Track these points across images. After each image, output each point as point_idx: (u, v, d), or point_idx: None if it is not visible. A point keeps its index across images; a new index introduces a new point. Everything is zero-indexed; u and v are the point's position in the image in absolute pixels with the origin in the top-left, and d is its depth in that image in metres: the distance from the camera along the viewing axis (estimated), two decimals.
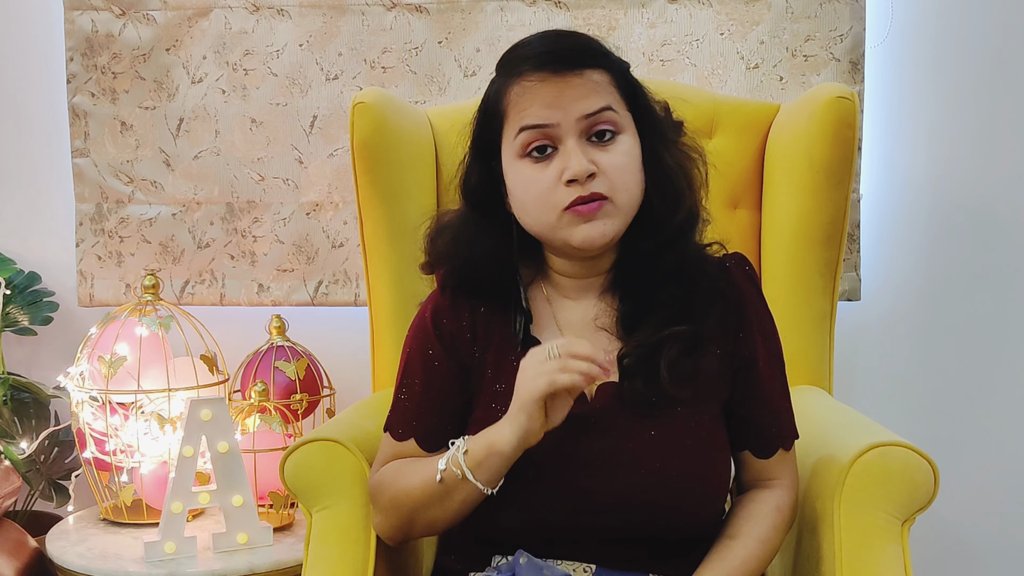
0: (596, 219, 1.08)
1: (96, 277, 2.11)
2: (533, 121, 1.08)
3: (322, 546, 1.23)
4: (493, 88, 1.14)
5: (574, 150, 1.07)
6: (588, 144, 1.09)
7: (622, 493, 1.10)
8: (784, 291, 1.60)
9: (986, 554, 2.06)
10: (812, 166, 1.54)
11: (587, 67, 1.09)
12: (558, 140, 1.08)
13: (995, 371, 2.02)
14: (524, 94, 1.09)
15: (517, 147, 1.10)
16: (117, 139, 2.08)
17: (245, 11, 2.03)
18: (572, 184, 1.07)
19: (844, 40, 1.91)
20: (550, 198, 1.09)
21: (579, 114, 1.08)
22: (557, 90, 1.07)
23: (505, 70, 1.13)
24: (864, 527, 1.15)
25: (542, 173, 1.09)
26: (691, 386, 1.11)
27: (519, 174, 1.11)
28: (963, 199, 1.99)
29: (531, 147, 1.09)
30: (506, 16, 1.98)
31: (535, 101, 1.08)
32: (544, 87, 1.08)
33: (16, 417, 1.98)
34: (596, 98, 1.08)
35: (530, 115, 1.08)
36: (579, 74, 1.08)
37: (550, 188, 1.08)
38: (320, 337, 1.98)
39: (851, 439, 1.21)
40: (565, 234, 1.10)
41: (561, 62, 1.08)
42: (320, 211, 2.05)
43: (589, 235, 1.09)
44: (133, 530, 1.78)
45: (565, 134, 1.08)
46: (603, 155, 1.09)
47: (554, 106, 1.07)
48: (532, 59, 1.10)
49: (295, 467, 1.26)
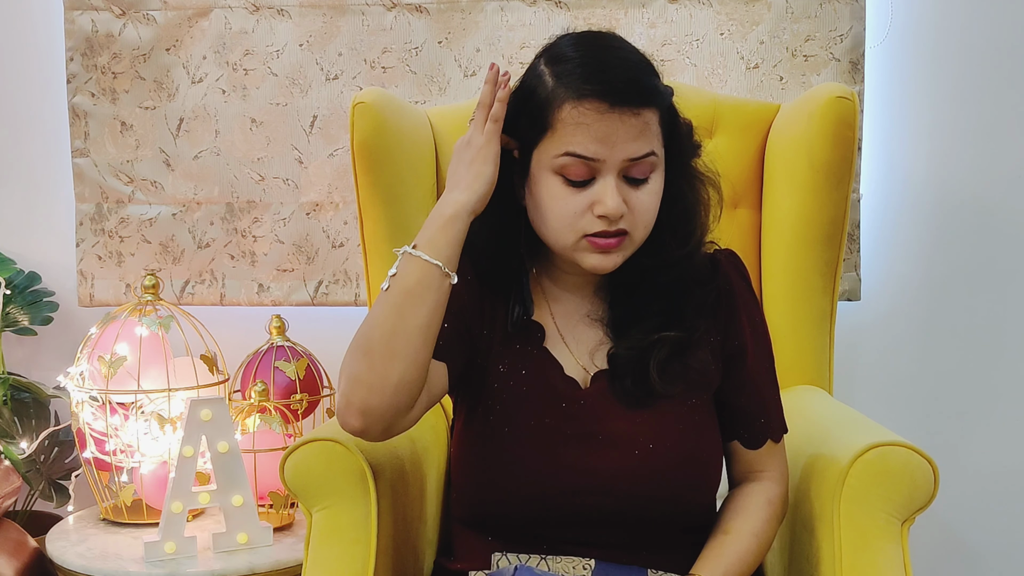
0: (613, 253, 1.11)
1: (96, 277, 2.11)
2: (581, 152, 1.07)
3: (322, 546, 1.23)
4: (544, 87, 1.10)
5: (612, 189, 1.08)
6: (624, 183, 1.09)
7: (611, 472, 1.12)
8: (784, 291, 1.60)
9: (986, 554, 2.06)
10: (812, 166, 1.54)
11: (643, 106, 1.08)
12: (597, 172, 1.08)
13: (995, 371, 2.02)
14: (580, 121, 1.07)
15: (555, 165, 1.09)
16: (117, 139, 2.08)
17: (245, 11, 2.03)
18: (601, 219, 1.08)
19: (844, 40, 1.91)
20: (575, 223, 1.10)
21: (626, 156, 1.08)
22: (612, 128, 1.06)
23: (563, 79, 1.09)
24: (864, 527, 1.15)
25: (573, 198, 1.09)
26: (680, 384, 1.15)
27: (549, 188, 1.10)
28: (963, 199, 1.99)
29: (572, 176, 1.09)
30: (506, 16, 1.98)
31: (589, 133, 1.07)
32: (601, 122, 1.06)
33: (16, 417, 1.98)
34: (644, 142, 1.08)
35: (579, 145, 1.07)
36: (636, 114, 1.07)
37: (577, 214, 1.09)
38: (320, 337, 1.98)
39: (851, 439, 1.21)
40: (578, 256, 1.12)
41: (622, 99, 1.06)
42: (320, 211, 2.05)
43: (601, 264, 1.12)
44: (133, 530, 1.78)
45: (607, 170, 1.08)
46: (635, 195, 1.10)
47: (605, 143, 1.07)
48: (596, 86, 1.07)
49: (295, 467, 1.26)
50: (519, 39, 1.97)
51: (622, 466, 1.12)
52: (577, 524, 1.14)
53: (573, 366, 1.18)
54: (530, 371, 1.17)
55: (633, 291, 1.18)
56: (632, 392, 1.14)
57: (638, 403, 1.14)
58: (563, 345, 1.19)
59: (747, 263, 1.63)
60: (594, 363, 1.18)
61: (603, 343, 1.18)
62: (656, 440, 1.13)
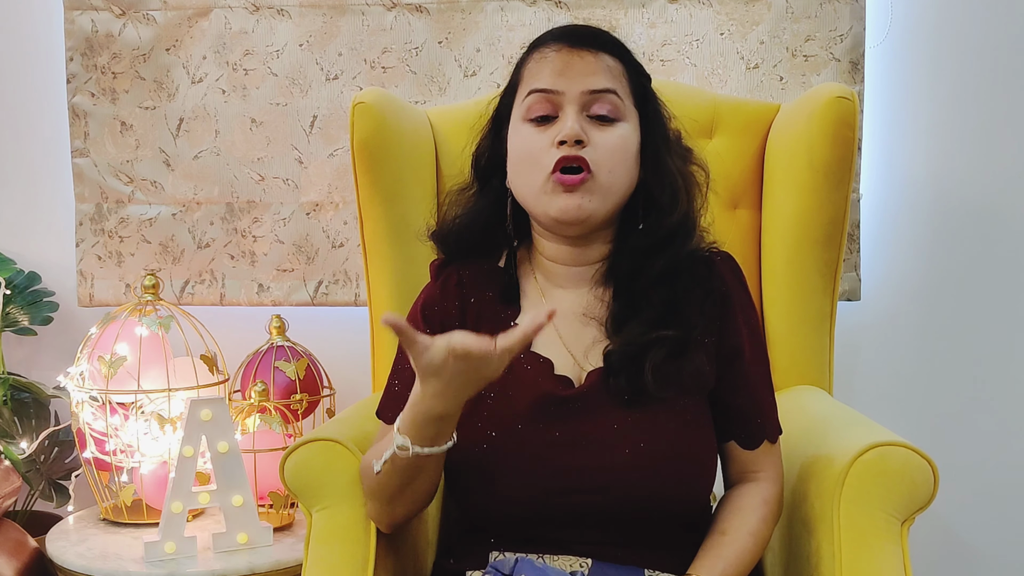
0: (576, 191, 1.12)
1: (96, 277, 2.11)
2: (541, 85, 1.14)
3: (322, 546, 1.23)
4: (516, 64, 1.22)
5: (570, 116, 1.13)
6: (587, 120, 1.14)
7: (604, 471, 1.12)
8: (784, 291, 1.60)
9: (986, 554, 2.06)
10: (812, 166, 1.54)
11: (602, 50, 1.16)
12: (559, 108, 1.14)
13: (995, 371, 2.02)
14: (540, 60, 1.16)
15: (524, 109, 1.16)
16: (117, 139, 2.08)
17: (245, 11, 2.03)
18: (561, 146, 1.12)
19: (844, 40, 1.91)
20: (541, 158, 1.13)
21: (584, 88, 1.13)
22: (569, 61, 1.14)
23: (530, 47, 1.20)
24: (863, 527, 1.15)
25: (539, 136, 1.14)
26: (674, 388, 1.15)
27: (519, 134, 1.16)
28: (963, 199, 1.99)
29: (535, 113, 1.15)
30: (506, 16, 1.98)
31: (547, 67, 1.15)
32: (558, 56, 1.15)
33: (16, 417, 1.98)
34: (603, 78, 1.14)
35: (540, 80, 1.15)
36: (593, 53, 1.15)
37: (542, 149, 1.13)
38: (320, 337, 1.98)
39: (851, 439, 1.21)
40: (546, 201, 1.14)
41: (580, 39, 1.16)
42: (320, 211, 2.05)
43: (566, 206, 1.13)
44: (133, 530, 1.78)
45: (568, 103, 1.14)
46: (597, 132, 1.14)
47: (563, 74, 1.14)
48: (555, 33, 1.18)
49: (295, 467, 1.26)
50: (519, 39, 1.97)
51: (614, 464, 1.12)
52: (573, 524, 1.14)
53: (568, 364, 1.18)
54: (516, 375, 1.17)
55: (631, 278, 1.18)
56: (626, 391, 1.14)
57: (631, 402, 1.14)
58: (559, 343, 1.19)
59: (747, 263, 1.65)
60: (589, 361, 1.18)
61: (599, 340, 1.18)
62: (648, 438, 1.13)
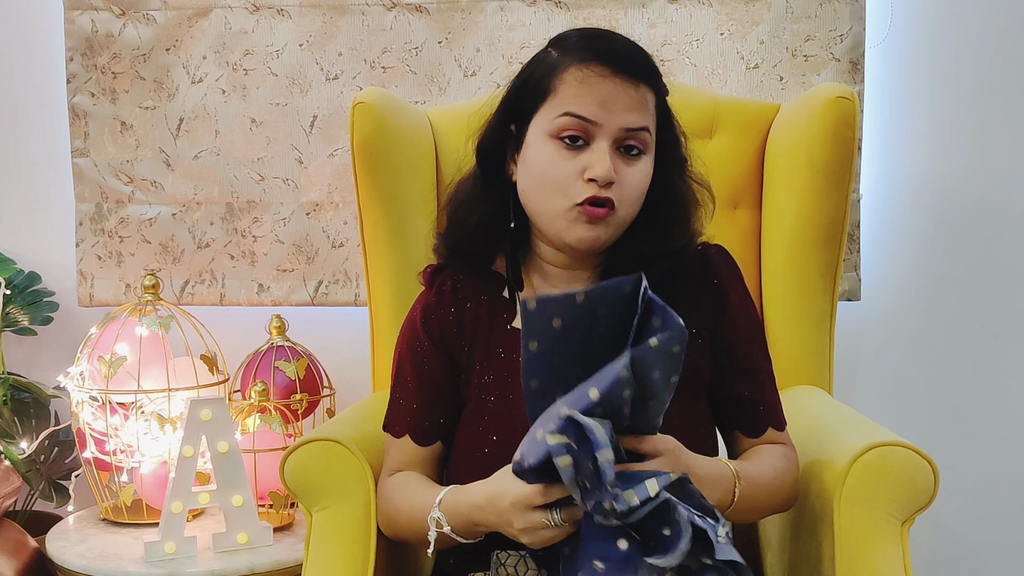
0: (598, 225, 1.12)
1: (96, 277, 2.11)
2: (580, 112, 1.10)
3: (322, 546, 1.23)
4: (547, 59, 1.14)
5: (604, 154, 1.10)
6: (617, 153, 1.12)
7: None
8: (784, 291, 1.60)
9: (986, 554, 2.06)
10: (812, 166, 1.54)
11: (644, 82, 1.12)
12: (592, 137, 1.11)
13: (995, 371, 2.02)
14: (583, 81, 1.10)
15: (553, 127, 1.11)
16: (117, 139, 2.08)
17: (245, 11, 2.03)
18: (591, 183, 1.10)
19: (844, 40, 1.91)
20: (567, 188, 1.11)
21: (623, 124, 1.10)
22: (613, 93, 1.09)
23: (568, 50, 1.13)
24: (864, 527, 1.15)
25: (567, 162, 1.11)
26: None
27: (544, 151, 1.12)
28: (963, 199, 1.99)
29: (566, 133, 1.11)
30: (506, 16, 1.98)
31: (590, 93, 1.09)
32: (603, 84, 1.09)
33: (16, 417, 1.98)
34: (641, 115, 1.11)
35: (580, 105, 1.10)
36: (635, 86, 1.11)
37: (570, 179, 1.11)
38: (320, 337, 1.98)
39: (851, 439, 1.21)
40: (563, 226, 1.13)
41: (626, 68, 1.10)
42: (320, 211, 2.05)
43: (584, 237, 1.13)
44: (133, 530, 1.78)
45: (602, 135, 1.10)
46: (626, 169, 1.12)
47: (605, 107, 1.09)
48: (601, 52, 1.11)
49: (295, 467, 1.26)
50: (519, 39, 1.97)
51: None
52: None
53: None
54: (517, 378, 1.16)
55: None
56: None
57: None
58: None
59: (747, 263, 1.65)
60: None
61: None
62: None
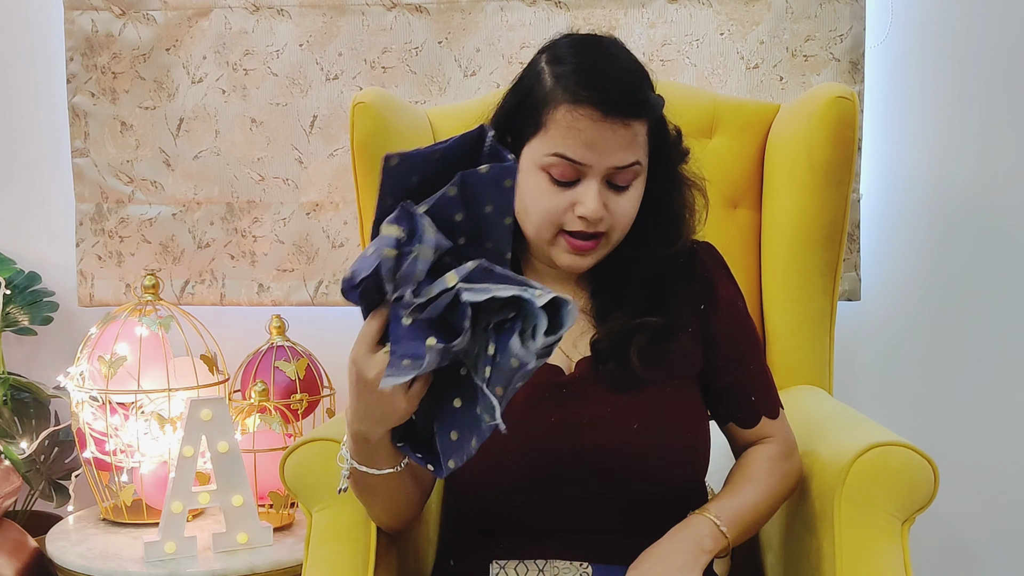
0: (588, 255, 1.15)
1: (96, 277, 2.11)
2: (571, 156, 1.11)
3: (322, 546, 1.23)
4: (541, 86, 1.14)
5: (595, 193, 1.12)
6: (606, 188, 1.13)
7: (597, 453, 1.14)
8: (784, 291, 1.60)
9: (986, 554, 2.06)
10: (812, 166, 1.54)
11: (635, 118, 1.12)
12: (583, 175, 1.12)
13: (995, 371, 2.02)
14: (573, 124, 1.10)
15: (544, 163, 1.12)
16: (117, 139, 2.08)
17: (245, 11, 2.03)
18: (581, 219, 1.12)
19: (844, 40, 1.91)
20: (556, 219, 1.13)
21: (612, 164, 1.12)
22: (603, 137, 1.10)
23: (560, 79, 1.12)
24: (864, 527, 1.15)
25: (556, 196, 1.13)
26: (663, 369, 1.16)
27: (536, 183, 1.14)
28: (963, 199, 1.99)
29: (556, 175, 1.12)
30: (506, 16, 1.98)
31: (579, 138, 1.10)
32: (592, 129, 1.10)
33: (16, 417, 1.98)
34: (631, 152, 1.12)
35: (569, 149, 1.11)
36: (626, 125, 1.11)
37: (559, 211, 1.13)
38: (320, 337, 1.98)
39: (851, 439, 1.21)
40: (554, 253, 1.16)
41: (616, 109, 1.10)
42: (320, 211, 2.05)
43: (575, 264, 1.16)
44: (133, 530, 1.78)
45: (592, 175, 1.12)
46: (615, 200, 1.13)
47: (594, 150, 1.11)
48: (592, 90, 1.10)
49: (295, 467, 1.26)
50: (519, 39, 1.97)
51: (606, 446, 1.14)
52: (569, 511, 1.15)
53: (557, 354, 1.19)
54: None
55: (615, 280, 1.20)
56: (616, 376, 1.16)
57: (622, 387, 1.16)
58: None
59: (747, 263, 1.65)
60: (577, 350, 1.20)
61: (586, 331, 1.20)
62: (640, 420, 1.15)
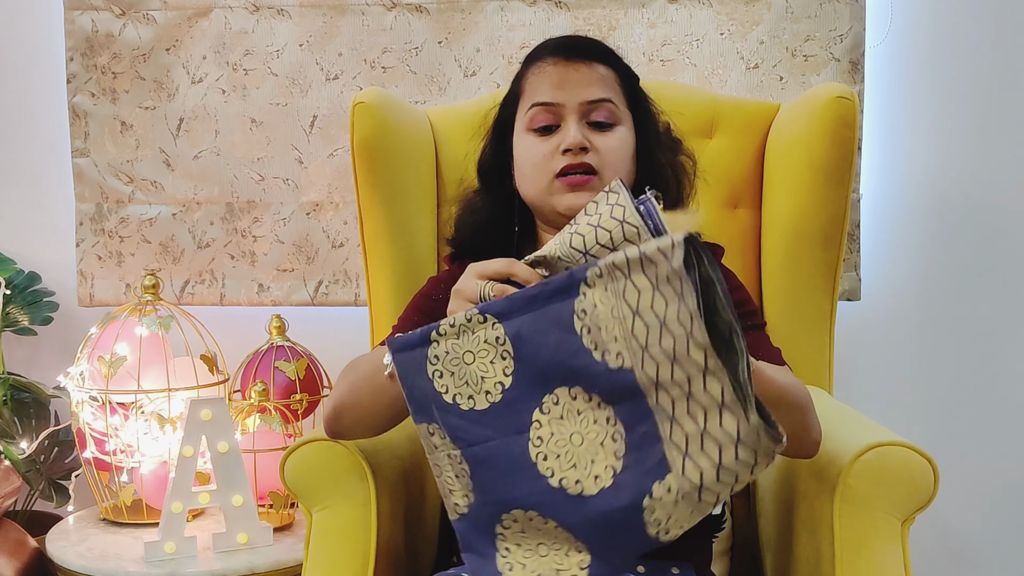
0: (583, 190, 1.21)
1: (96, 277, 2.11)
2: (542, 99, 1.23)
3: (322, 546, 1.23)
4: (516, 76, 1.30)
5: (572, 126, 1.21)
6: (587, 127, 1.22)
7: None
8: (784, 291, 1.60)
9: (986, 554, 2.06)
10: (812, 166, 1.54)
11: (595, 60, 1.24)
12: (562, 119, 1.23)
13: (995, 371, 2.02)
14: (538, 75, 1.25)
15: (526, 121, 1.24)
16: (117, 139, 2.08)
17: (245, 11, 2.03)
18: (566, 153, 1.21)
19: (844, 40, 1.91)
20: (546, 165, 1.22)
21: (582, 99, 1.22)
22: (566, 75, 1.23)
23: (530, 58, 1.29)
24: (863, 527, 1.15)
25: (543, 144, 1.23)
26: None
27: (524, 144, 1.25)
28: (963, 199, 1.99)
29: (538, 124, 1.23)
30: (506, 16, 1.98)
31: (546, 81, 1.23)
32: (556, 70, 1.23)
33: (16, 417, 1.98)
34: (599, 88, 1.23)
35: (540, 93, 1.24)
36: (588, 64, 1.23)
37: (547, 156, 1.22)
38: (320, 337, 1.98)
39: (850, 439, 1.21)
40: (554, 200, 1.23)
41: (573, 52, 1.24)
42: (320, 211, 2.05)
43: (574, 204, 1.20)
44: (133, 530, 1.78)
45: (568, 114, 1.22)
46: (598, 137, 1.23)
47: (562, 87, 1.22)
48: (550, 47, 1.27)
49: (295, 467, 1.26)
50: (519, 39, 1.97)
51: None
52: None
53: None
54: None
55: None
56: None
57: None
58: None
59: (747, 263, 1.65)
60: None
61: None
62: None
